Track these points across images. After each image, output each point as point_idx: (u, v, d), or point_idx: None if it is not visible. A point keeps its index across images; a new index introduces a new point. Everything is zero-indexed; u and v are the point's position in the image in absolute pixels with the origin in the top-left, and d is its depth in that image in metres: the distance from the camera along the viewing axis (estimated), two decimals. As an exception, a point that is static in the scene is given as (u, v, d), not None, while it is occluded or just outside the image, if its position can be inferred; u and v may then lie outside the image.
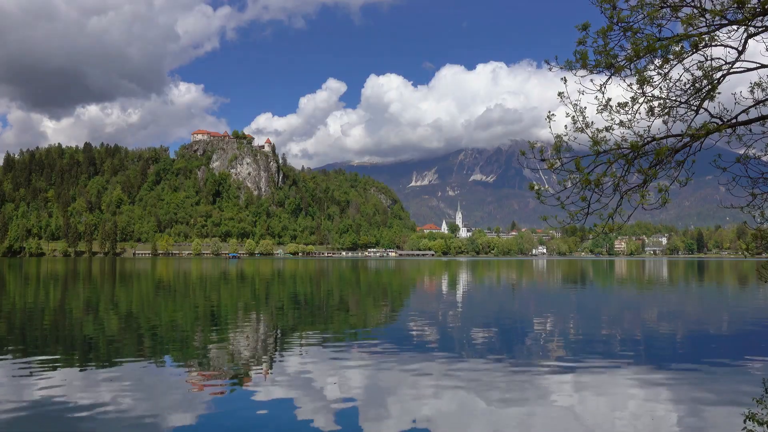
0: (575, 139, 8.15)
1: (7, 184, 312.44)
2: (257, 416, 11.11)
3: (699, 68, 7.86)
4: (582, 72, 8.07)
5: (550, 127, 8.09)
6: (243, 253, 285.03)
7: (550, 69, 8.15)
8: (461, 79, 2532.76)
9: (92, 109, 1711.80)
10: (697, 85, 7.95)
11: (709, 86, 7.83)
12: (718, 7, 7.43)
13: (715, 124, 7.88)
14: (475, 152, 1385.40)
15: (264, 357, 16.82)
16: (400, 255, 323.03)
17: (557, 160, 8.24)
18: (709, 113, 8.00)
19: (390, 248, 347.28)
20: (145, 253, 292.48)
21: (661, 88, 8.13)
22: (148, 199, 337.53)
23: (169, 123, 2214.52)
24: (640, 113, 8.14)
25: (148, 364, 15.68)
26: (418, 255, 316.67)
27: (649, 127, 8.21)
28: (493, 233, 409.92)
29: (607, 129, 8.08)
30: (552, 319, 26.12)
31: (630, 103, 8.11)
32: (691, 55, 7.84)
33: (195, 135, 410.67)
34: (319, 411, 11.38)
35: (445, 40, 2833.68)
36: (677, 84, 8.07)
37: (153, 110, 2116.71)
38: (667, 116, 8.18)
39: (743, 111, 7.93)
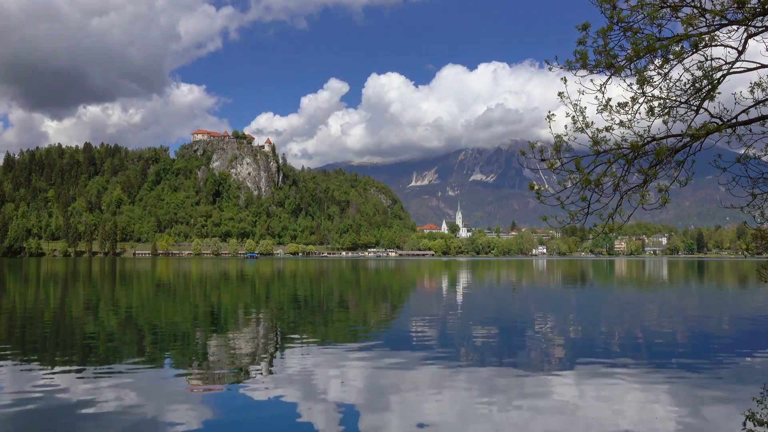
0: (575, 139, 8.15)
1: (7, 184, 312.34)
2: (257, 416, 11.11)
3: (699, 68, 7.85)
4: (582, 72, 8.07)
5: (550, 127, 8.08)
6: (242, 254, 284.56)
7: (550, 69, 8.14)
8: (462, 79, 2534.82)
9: (93, 110, 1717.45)
10: (697, 85, 7.94)
11: (709, 86, 7.81)
12: (718, 7, 7.42)
13: (715, 124, 7.87)
14: (475, 152, 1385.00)
15: (264, 357, 16.82)
16: (400, 255, 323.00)
17: (557, 160, 8.24)
18: (709, 113, 7.98)
19: (390, 248, 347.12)
20: (145, 253, 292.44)
21: (661, 88, 8.12)
22: (148, 199, 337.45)
23: (171, 123, 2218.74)
24: (640, 113, 8.13)
25: (148, 363, 15.67)
26: (418, 255, 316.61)
27: (649, 127, 8.19)
28: (493, 233, 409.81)
29: (607, 129, 8.06)
30: (552, 319, 26.12)
31: (630, 103, 8.10)
32: (691, 55, 7.82)
33: (195, 135, 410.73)
34: (319, 411, 11.38)
35: (446, 40, 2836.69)
36: (677, 84, 8.06)
37: (155, 110, 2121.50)
38: (667, 116, 8.16)
39: (743, 111, 7.92)
